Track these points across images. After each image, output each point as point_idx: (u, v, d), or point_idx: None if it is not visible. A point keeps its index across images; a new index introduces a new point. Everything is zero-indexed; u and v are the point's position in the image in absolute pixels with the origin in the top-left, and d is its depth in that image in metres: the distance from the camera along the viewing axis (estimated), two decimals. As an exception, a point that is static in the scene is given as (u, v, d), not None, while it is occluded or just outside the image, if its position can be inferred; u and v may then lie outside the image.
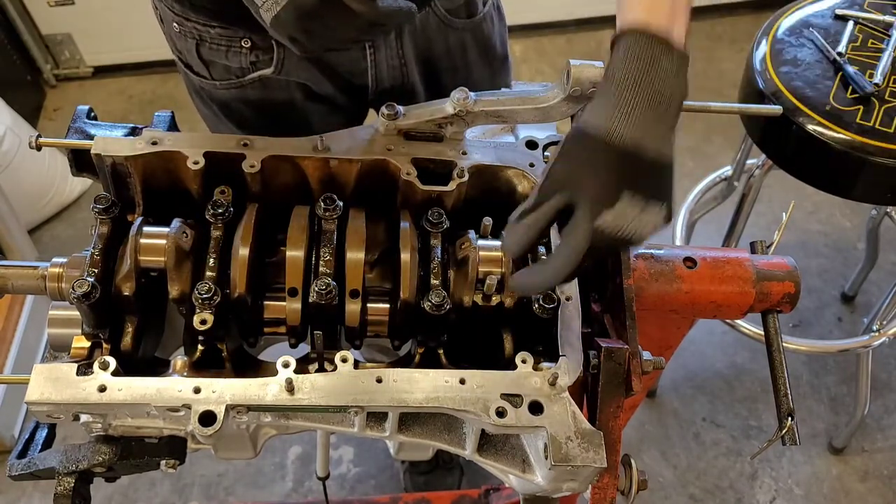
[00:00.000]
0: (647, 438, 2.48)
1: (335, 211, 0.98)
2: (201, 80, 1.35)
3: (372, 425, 0.94)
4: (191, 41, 1.29)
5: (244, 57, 1.28)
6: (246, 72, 1.30)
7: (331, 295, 0.92)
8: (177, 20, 1.28)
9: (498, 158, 1.07)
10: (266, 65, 1.29)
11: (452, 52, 1.40)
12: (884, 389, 2.56)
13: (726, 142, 3.12)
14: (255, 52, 1.28)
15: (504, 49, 1.52)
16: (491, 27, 1.45)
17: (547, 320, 0.93)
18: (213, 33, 1.26)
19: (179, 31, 1.29)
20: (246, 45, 1.27)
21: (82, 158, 1.05)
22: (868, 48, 1.74)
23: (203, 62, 1.31)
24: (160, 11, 1.32)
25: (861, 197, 1.74)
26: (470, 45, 1.41)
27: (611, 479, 0.91)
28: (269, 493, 2.38)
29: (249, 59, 1.29)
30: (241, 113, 1.38)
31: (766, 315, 1.09)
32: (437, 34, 1.35)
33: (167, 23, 1.32)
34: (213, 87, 1.35)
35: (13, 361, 2.40)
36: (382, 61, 1.33)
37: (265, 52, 1.27)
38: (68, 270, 0.99)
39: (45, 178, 2.89)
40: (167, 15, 1.30)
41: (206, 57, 1.30)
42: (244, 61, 1.29)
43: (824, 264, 2.82)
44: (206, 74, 1.33)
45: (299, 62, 1.30)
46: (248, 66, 1.30)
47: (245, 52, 1.28)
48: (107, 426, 0.92)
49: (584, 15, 3.57)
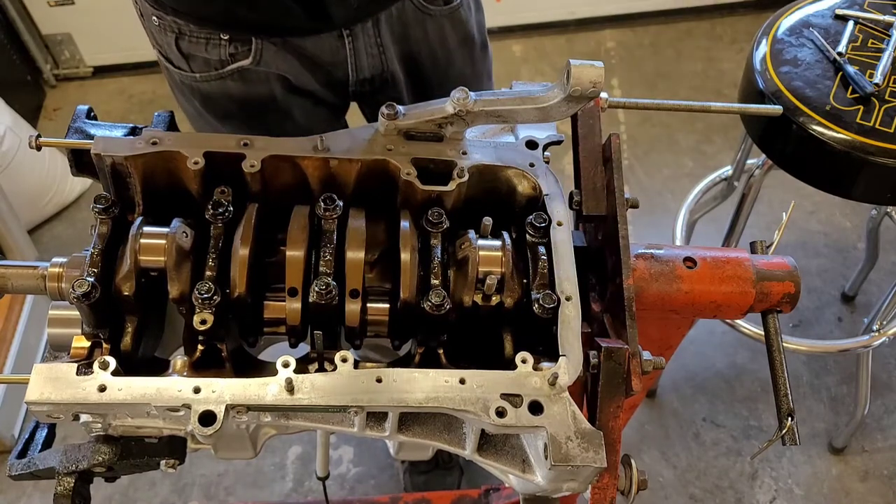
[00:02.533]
0: (647, 438, 2.48)
1: (335, 211, 0.98)
2: (181, 74, 1.36)
3: (372, 425, 0.94)
4: (170, 35, 1.30)
5: (223, 49, 1.29)
6: (225, 63, 1.31)
7: (331, 295, 0.92)
8: (156, 14, 1.29)
9: (498, 158, 1.06)
10: (244, 56, 1.30)
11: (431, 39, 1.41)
12: (884, 389, 2.56)
13: (726, 142, 3.12)
14: (233, 44, 1.29)
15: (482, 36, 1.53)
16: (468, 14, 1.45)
17: (547, 320, 0.93)
18: (192, 27, 1.27)
19: (159, 25, 1.30)
20: (224, 37, 1.28)
21: (82, 158, 1.05)
22: (868, 48, 1.74)
23: (183, 55, 1.32)
24: (139, 6, 1.33)
25: (861, 197, 1.74)
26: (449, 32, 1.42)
27: (611, 479, 0.91)
28: (269, 493, 2.38)
29: (228, 51, 1.30)
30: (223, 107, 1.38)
31: (767, 315, 1.09)
32: (414, 21, 1.36)
33: (147, 17, 1.33)
34: (194, 81, 1.35)
35: (13, 361, 2.40)
36: (361, 49, 1.34)
37: (243, 43, 1.28)
38: (68, 270, 0.99)
39: (45, 177, 2.89)
40: (146, 9, 1.31)
41: (186, 50, 1.31)
42: (223, 53, 1.30)
43: (824, 264, 2.82)
44: (186, 67, 1.34)
45: (277, 53, 1.31)
46: (227, 58, 1.31)
47: (224, 43, 1.28)
48: (107, 426, 0.92)
49: (584, 15, 3.57)
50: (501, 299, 0.98)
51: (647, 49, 3.53)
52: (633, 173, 3.09)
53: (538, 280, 0.96)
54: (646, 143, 3.17)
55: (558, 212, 1.02)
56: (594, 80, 0.96)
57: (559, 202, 1.03)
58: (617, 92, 3.33)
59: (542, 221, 0.99)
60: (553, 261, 0.97)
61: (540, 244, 0.99)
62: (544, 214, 1.00)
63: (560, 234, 1.00)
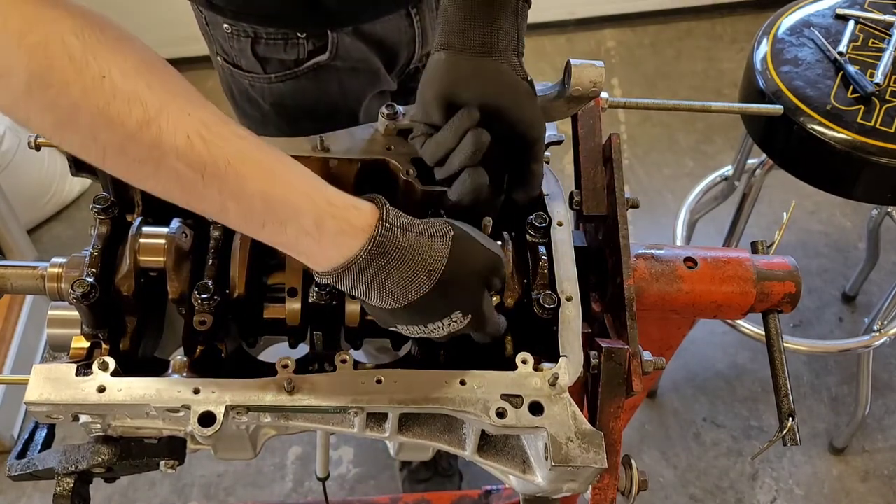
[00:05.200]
0: (648, 439, 2.48)
1: (335, 211, 0.98)
2: (252, 77, 1.34)
3: (372, 426, 0.94)
4: (244, 40, 1.29)
5: (301, 48, 1.28)
6: (301, 62, 1.30)
7: (331, 295, 0.92)
8: (228, 22, 1.27)
9: (498, 158, 1.06)
10: (321, 51, 1.29)
11: None
12: (885, 389, 2.56)
13: (727, 142, 3.11)
14: (311, 41, 1.28)
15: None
16: None
17: (547, 320, 0.93)
18: (270, 30, 1.26)
19: (231, 32, 1.28)
20: (302, 35, 1.27)
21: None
22: (869, 48, 1.74)
23: (258, 59, 1.31)
24: (206, 16, 1.31)
25: (862, 197, 1.74)
26: None
27: (611, 479, 0.90)
28: (269, 494, 2.38)
29: (307, 49, 1.29)
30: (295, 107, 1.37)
31: (767, 315, 1.09)
32: None
33: (215, 26, 1.31)
34: (268, 82, 1.33)
35: (12, 361, 2.40)
36: (427, 28, 1.34)
37: (319, 38, 1.28)
38: (68, 270, 0.98)
39: (45, 177, 2.89)
40: (215, 19, 1.29)
41: (263, 54, 1.30)
42: (301, 52, 1.29)
43: (825, 264, 2.82)
44: (260, 70, 1.32)
45: (351, 43, 1.31)
46: (305, 56, 1.30)
47: (302, 41, 1.27)
48: (106, 427, 0.92)
49: (584, 15, 3.57)
50: (501, 299, 0.98)
51: (648, 49, 3.53)
52: (634, 173, 3.08)
53: (538, 280, 0.96)
54: (646, 143, 3.17)
55: (558, 212, 1.02)
56: (594, 80, 0.96)
57: (559, 202, 1.03)
58: (617, 92, 3.33)
59: (543, 221, 0.99)
60: (553, 261, 0.97)
61: (540, 244, 0.98)
62: (544, 214, 1.00)
63: (560, 233, 1.00)
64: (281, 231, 0.75)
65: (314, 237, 0.76)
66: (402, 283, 0.79)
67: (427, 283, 0.80)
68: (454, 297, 0.83)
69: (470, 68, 0.91)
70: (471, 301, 0.85)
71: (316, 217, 0.75)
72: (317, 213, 0.75)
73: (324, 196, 0.77)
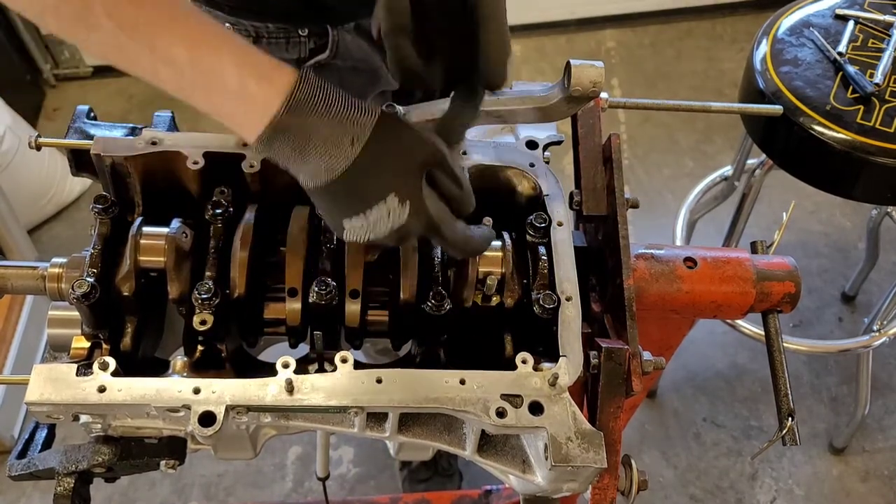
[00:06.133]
0: (648, 439, 2.48)
1: (335, 211, 0.98)
2: None
3: (372, 426, 0.94)
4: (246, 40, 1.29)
5: (303, 46, 1.29)
6: (303, 62, 1.31)
7: (331, 295, 0.92)
8: (229, 20, 1.27)
9: (498, 158, 1.06)
10: (322, 50, 1.30)
11: None
12: (884, 389, 2.56)
13: (726, 142, 3.12)
14: (312, 39, 1.28)
15: None
16: None
17: (547, 320, 0.93)
18: (271, 28, 1.26)
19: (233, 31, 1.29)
20: (303, 33, 1.27)
21: (82, 158, 1.05)
22: (868, 48, 1.74)
23: None
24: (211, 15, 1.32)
25: (861, 197, 1.74)
26: None
27: (611, 479, 0.91)
28: (269, 494, 2.38)
29: (308, 48, 1.29)
30: None
31: (767, 315, 1.09)
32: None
33: None
34: None
35: (13, 361, 2.40)
36: None
37: (320, 37, 1.28)
38: (68, 270, 0.99)
39: (45, 178, 2.89)
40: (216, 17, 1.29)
41: None
42: (303, 50, 1.29)
43: (825, 264, 2.82)
44: None
45: (352, 41, 1.31)
46: (307, 55, 1.30)
47: (303, 40, 1.28)
48: (106, 426, 0.92)
49: (584, 15, 3.57)
50: (501, 299, 0.98)
51: (648, 49, 3.53)
52: (633, 173, 3.09)
53: (538, 280, 0.96)
54: (646, 143, 3.17)
55: (558, 212, 1.02)
56: (594, 80, 0.96)
57: (559, 202, 1.03)
58: (617, 92, 3.33)
59: (543, 221, 0.99)
60: (553, 261, 0.97)
61: (540, 244, 0.98)
62: (544, 214, 1.00)
63: (560, 234, 1.00)
64: (208, 95, 0.78)
65: (241, 98, 0.78)
66: (325, 148, 0.78)
67: (350, 150, 0.78)
68: (384, 175, 0.80)
69: None
70: (404, 183, 0.81)
71: (241, 79, 0.77)
72: (241, 75, 0.77)
73: (249, 60, 0.78)
